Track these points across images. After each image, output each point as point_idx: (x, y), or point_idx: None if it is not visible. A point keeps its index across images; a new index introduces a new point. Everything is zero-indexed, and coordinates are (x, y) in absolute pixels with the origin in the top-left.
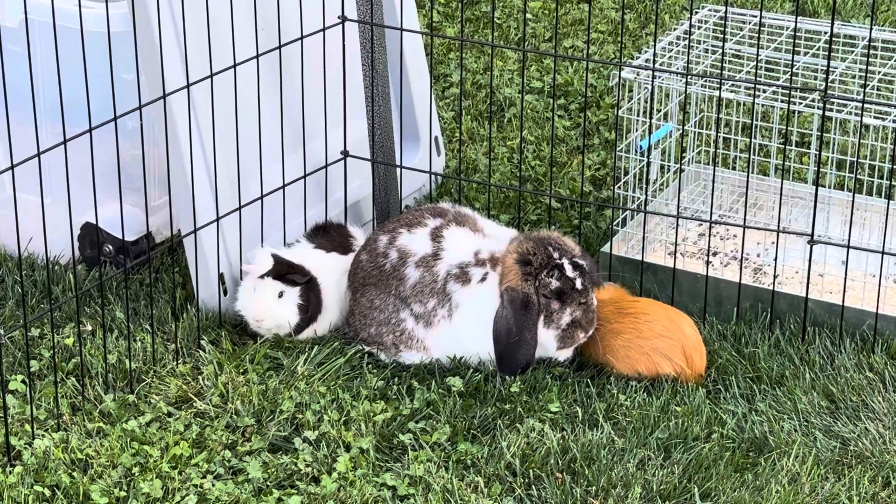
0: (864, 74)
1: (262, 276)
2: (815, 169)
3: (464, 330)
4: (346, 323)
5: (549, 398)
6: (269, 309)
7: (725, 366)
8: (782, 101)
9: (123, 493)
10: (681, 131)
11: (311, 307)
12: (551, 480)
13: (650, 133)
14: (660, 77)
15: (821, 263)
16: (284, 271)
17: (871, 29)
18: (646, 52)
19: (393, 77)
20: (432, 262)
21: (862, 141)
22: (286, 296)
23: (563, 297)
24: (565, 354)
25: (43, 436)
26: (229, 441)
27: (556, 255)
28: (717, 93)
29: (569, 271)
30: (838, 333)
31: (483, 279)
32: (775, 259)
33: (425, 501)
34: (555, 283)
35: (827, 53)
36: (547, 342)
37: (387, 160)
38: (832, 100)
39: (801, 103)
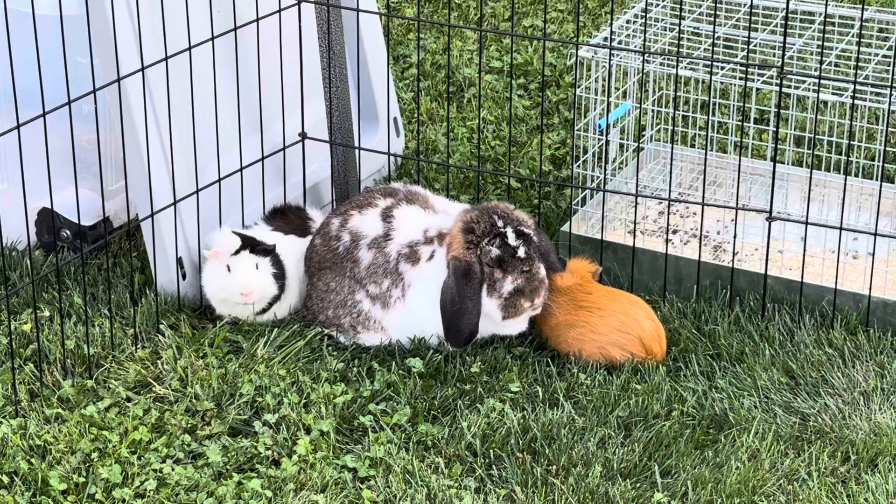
0: (821, 50)
1: (235, 253)
2: (774, 146)
3: (418, 309)
4: (304, 307)
5: (510, 378)
6: (254, 282)
7: (685, 343)
8: (740, 78)
9: (82, 479)
10: (639, 109)
11: (283, 275)
12: (512, 460)
13: (608, 112)
14: (618, 55)
15: (780, 240)
16: (254, 243)
17: (826, 4)
18: (604, 30)
19: (351, 58)
20: (383, 242)
21: (820, 117)
22: (261, 266)
23: (504, 265)
24: (515, 326)
25: (1, 422)
26: (189, 425)
27: (499, 223)
28: (675, 70)
29: (511, 239)
30: (797, 310)
31: (431, 257)
32: (734, 236)
33: (386, 483)
34: (495, 252)
35: (784, 30)
36: (491, 311)
37: (345, 142)
38: (790, 76)
39: (758, 80)
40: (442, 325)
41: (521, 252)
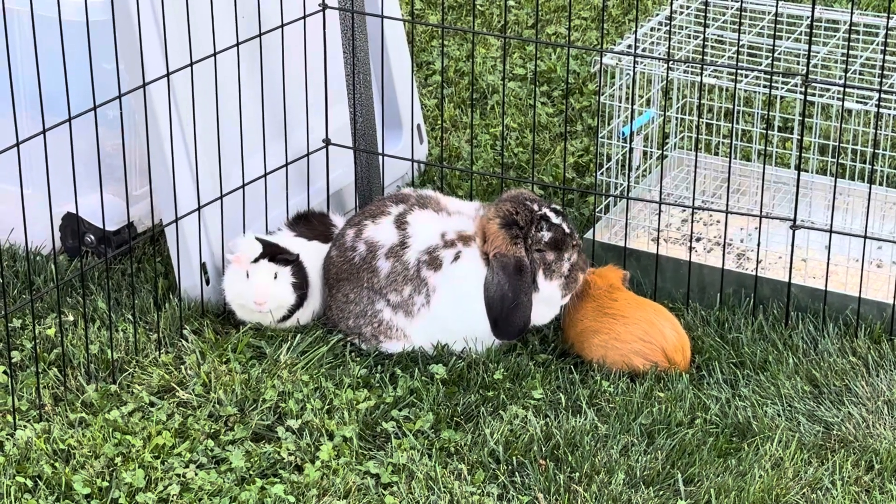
0: (845, 59)
1: (255, 261)
2: (798, 154)
3: (444, 312)
4: (325, 316)
5: (533, 385)
6: (270, 291)
7: (709, 352)
8: (764, 86)
9: (106, 484)
10: (663, 117)
11: (303, 284)
12: (535, 467)
13: (632, 119)
14: (642, 63)
15: (804, 248)
16: (276, 252)
17: (851, 13)
18: (628, 37)
19: (375, 65)
20: (400, 250)
21: (844, 125)
22: (280, 276)
23: (559, 245)
24: (550, 313)
25: (25, 426)
26: (212, 430)
27: (535, 207)
28: (699, 78)
29: (554, 218)
30: (821, 318)
31: (456, 258)
32: (758, 244)
33: (409, 489)
34: (548, 235)
35: (808, 38)
36: (553, 294)
37: (369, 148)
38: (814, 84)
39: (783, 88)
40: (490, 321)
41: (566, 227)
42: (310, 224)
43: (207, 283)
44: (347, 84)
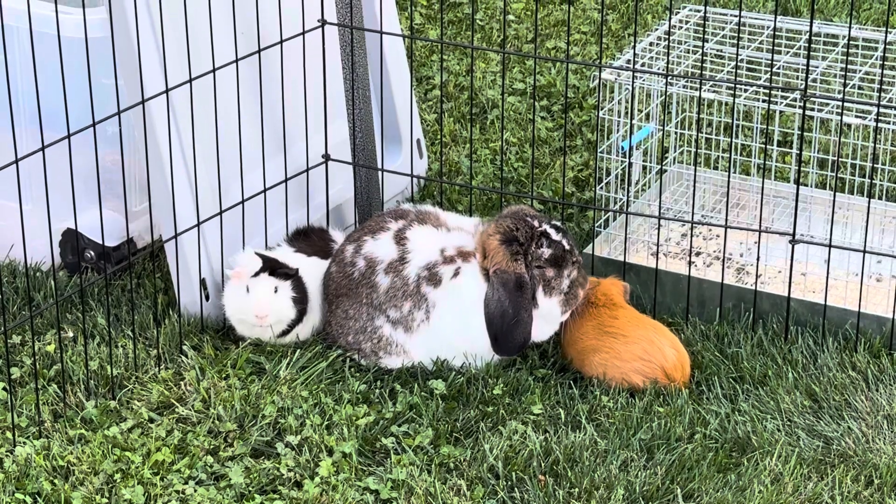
0: (844, 73)
1: (255, 275)
2: (797, 168)
3: (444, 328)
4: (324, 331)
5: (532, 400)
6: (270, 304)
7: (708, 366)
8: (763, 101)
9: (105, 500)
10: (662, 132)
11: (303, 299)
12: (534, 483)
13: (632, 134)
14: (641, 78)
15: (803, 263)
16: (275, 266)
17: (849, 28)
18: (627, 52)
19: (374, 80)
20: (400, 266)
21: (843, 140)
22: (280, 290)
23: (559, 262)
24: (550, 329)
25: (24, 443)
26: (211, 446)
27: (535, 223)
28: (698, 93)
29: (554, 235)
30: (821, 333)
31: (456, 274)
32: (758, 259)
33: None
34: (548, 252)
35: (807, 52)
36: (552, 310)
37: (368, 163)
38: (813, 99)
39: (782, 102)
40: (490, 337)
41: (566, 244)
42: (309, 239)
43: (207, 298)
44: (347, 99)
